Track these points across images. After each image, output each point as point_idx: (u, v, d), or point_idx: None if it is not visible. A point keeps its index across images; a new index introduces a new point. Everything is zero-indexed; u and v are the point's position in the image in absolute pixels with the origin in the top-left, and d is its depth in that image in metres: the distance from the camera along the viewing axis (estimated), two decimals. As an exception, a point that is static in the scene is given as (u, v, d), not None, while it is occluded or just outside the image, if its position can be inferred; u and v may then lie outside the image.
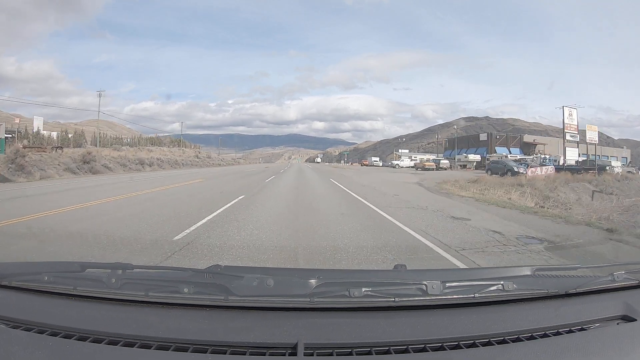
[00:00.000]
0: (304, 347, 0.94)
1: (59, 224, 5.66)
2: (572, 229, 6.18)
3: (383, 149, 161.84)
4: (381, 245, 4.62)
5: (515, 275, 1.30)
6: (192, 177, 20.13)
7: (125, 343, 0.95)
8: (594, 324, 1.11)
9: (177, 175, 22.04)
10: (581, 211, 10.60)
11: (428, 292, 1.13)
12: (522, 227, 6.15)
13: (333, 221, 6.32)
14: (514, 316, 1.14)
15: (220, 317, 1.08)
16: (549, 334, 1.05)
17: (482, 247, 4.68)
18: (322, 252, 4.25)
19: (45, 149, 28.09)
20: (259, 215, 6.81)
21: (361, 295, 1.11)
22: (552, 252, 4.48)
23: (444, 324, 1.07)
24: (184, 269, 1.29)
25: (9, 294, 1.18)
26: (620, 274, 1.32)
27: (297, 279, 1.20)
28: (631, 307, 1.17)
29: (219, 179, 18.90)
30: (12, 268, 1.36)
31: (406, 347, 0.97)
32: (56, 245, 4.43)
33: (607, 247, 4.96)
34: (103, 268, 1.26)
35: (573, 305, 1.22)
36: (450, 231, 5.66)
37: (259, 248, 4.38)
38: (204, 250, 4.25)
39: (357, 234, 5.26)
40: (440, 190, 13.29)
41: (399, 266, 1.41)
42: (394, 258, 3.97)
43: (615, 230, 5.83)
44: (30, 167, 17.79)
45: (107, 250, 4.22)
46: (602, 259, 4.27)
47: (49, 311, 1.10)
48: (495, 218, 7.17)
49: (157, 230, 5.27)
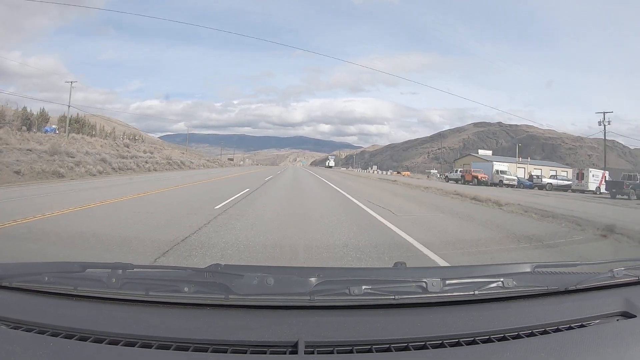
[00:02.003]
0: (304, 345, 0.96)
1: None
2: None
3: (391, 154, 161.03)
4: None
5: (515, 272, 1.33)
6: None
7: (126, 343, 0.96)
8: (593, 321, 1.14)
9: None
10: None
11: (428, 289, 1.16)
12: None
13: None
14: (514, 313, 1.16)
15: (220, 316, 1.10)
16: (548, 331, 1.07)
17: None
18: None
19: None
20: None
21: (361, 293, 1.13)
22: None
23: (444, 322, 1.09)
24: (184, 268, 1.32)
25: (9, 295, 1.20)
26: (619, 271, 1.34)
27: (298, 277, 1.22)
28: (631, 304, 1.20)
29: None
30: (12, 268, 1.38)
31: (407, 345, 0.99)
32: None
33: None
34: (103, 268, 1.29)
35: (573, 301, 1.25)
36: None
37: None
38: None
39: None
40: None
41: (399, 264, 1.44)
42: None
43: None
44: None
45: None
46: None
47: (49, 311, 1.12)
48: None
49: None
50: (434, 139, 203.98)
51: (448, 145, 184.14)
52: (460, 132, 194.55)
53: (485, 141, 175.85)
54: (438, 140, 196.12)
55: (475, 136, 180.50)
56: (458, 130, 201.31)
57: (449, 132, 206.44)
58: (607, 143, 29.87)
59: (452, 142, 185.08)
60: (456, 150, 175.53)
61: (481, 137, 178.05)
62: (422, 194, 15.59)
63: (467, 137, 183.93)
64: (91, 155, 24.73)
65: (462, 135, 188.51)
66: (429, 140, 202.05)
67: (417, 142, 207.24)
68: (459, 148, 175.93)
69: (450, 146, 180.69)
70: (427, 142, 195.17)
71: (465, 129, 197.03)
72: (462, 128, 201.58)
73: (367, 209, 8.85)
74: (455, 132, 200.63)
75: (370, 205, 9.58)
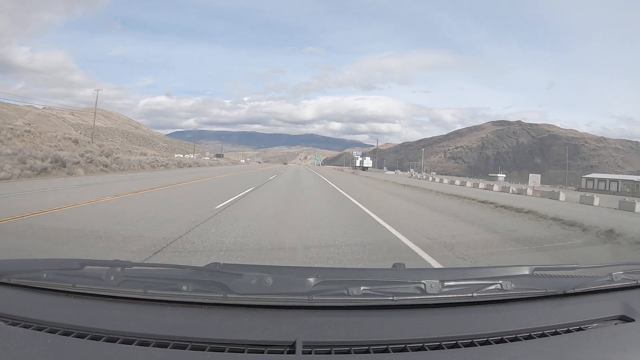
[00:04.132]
0: (302, 345, 0.98)
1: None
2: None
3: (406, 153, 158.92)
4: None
5: (514, 275, 1.35)
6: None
7: (123, 340, 0.99)
8: (592, 324, 1.15)
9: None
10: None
11: (426, 291, 1.18)
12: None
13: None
14: (512, 316, 1.18)
15: (218, 315, 1.12)
16: (547, 334, 1.09)
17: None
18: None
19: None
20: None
21: (359, 294, 1.15)
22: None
23: (442, 323, 1.11)
24: (183, 266, 1.35)
25: (7, 291, 1.22)
26: (618, 275, 1.36)
27: (296, 277, 1.24)
28: (629, 308, 1.21)
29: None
30: (11, 265, 1.41)
31: (404, 346, 1.01)
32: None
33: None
34: (102, 265, 1.32)
35: (571, 305, 1.26)
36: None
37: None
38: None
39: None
40: None
41: (397, 265, 1.45)
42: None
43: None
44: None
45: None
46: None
47: (47, 308, 1.13)
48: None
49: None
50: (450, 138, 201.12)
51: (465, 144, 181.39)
52: (478, 131, 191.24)
53: (505, 140, 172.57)
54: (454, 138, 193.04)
55: (495, 135, 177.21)
56: (476, 129, 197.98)
57: (466, 131, 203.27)
58: (631, 144, 29.19)
59: (470, 140, 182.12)
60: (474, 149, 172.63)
61: (500, 136, 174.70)
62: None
63: (485, 135, 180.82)
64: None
65: (480, 134, 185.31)
66: (444, 139, 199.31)
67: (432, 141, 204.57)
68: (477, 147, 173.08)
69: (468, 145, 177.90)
70: (443, 141, 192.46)
71: (483, 128, 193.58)
72: (480, 127, 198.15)
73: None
74: (473, 130, 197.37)
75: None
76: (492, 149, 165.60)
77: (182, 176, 21.84)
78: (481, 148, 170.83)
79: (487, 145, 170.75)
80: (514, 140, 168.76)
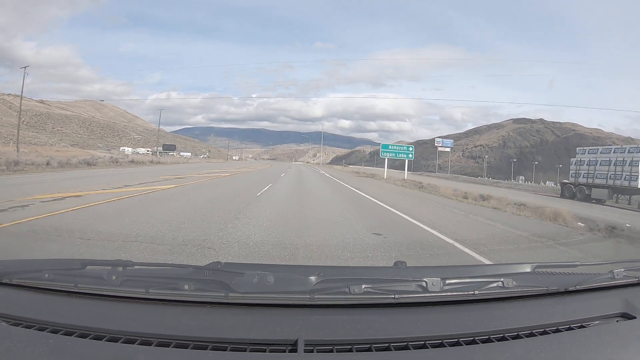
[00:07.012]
0: (304, 343, 1.01)
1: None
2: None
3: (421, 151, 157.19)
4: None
5: (516, 272, 1.38)
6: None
7: (125, 340, 1.01)
8: (593, 322, 1.18)
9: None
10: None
11: (428, 289, 1.21)
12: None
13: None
14: (514, 313, 1.20)
15: (220, 314, 1.15)
16: (548, 331, 1.11)
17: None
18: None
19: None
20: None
21: (361, 292, 1.18)
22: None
23: (444, 321, 1.14)
24: (184, 265, 1.39)
25: (9, 292, 1.25)
26: (620, 272, 1.38)
27: (298, 275, 1.28)
28: (631, 305, 1.23)
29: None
30: (12, 265, 1.45)
31: (406, 344, 1.03)
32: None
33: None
34: (103, 265, 1.36)
35: (573, 302, 1.29)
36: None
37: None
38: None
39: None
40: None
41: (399, 263, 1.48)
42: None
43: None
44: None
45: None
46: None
47: (49, 309, 1.16)
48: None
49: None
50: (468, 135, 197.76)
51: (484, 142, 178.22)
52: (498, 129, 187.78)
53: (527, 138, 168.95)
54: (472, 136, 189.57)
55: (516, 133, 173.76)
56: (495, 126, 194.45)
57: (485, 129, 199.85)
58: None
59: (490, 139, 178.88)
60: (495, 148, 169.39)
61: (522, 134, 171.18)
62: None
63: (506, 134, 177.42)
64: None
65: (501, 132, 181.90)
66: (462, 137, 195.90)
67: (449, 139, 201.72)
68: (498, 146, 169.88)
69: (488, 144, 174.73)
70: (460, 139, 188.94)
71: (503, 125, 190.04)
72: (500, 124, 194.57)
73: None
74: (492, 128, 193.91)
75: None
76: (515, 148, 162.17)
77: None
78: (502, 147, 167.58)
79: (509, 144, 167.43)
80: (537, 138, 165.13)
